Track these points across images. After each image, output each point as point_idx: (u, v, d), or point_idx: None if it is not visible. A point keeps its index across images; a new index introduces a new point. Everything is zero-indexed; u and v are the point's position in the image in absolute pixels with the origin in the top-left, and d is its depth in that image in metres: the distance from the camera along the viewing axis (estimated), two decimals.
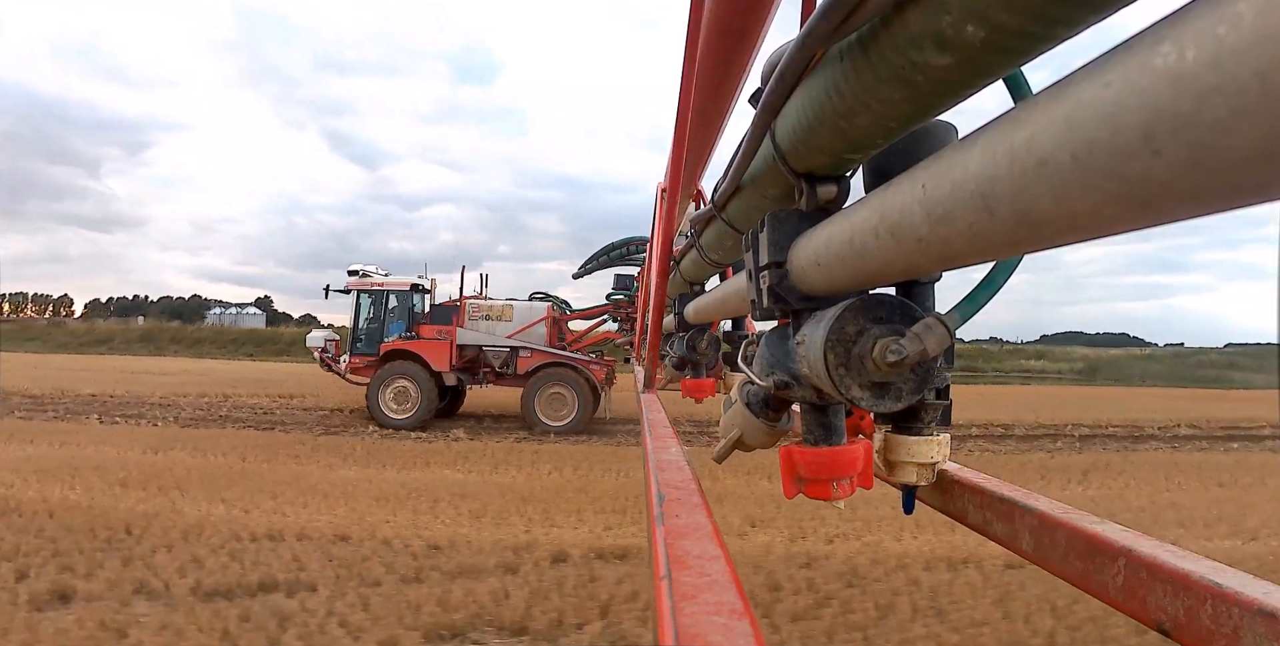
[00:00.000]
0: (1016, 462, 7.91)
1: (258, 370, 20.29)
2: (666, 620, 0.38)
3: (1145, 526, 2.23)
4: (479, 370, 10.23)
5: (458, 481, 6.20)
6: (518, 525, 4.81)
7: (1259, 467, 7.90)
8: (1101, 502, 5.81)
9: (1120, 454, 8.87)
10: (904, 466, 0.72)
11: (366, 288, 10.63)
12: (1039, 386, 23.97)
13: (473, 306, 10.24)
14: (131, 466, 6.24)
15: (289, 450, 7.54)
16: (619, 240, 11.12)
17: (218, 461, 6.77)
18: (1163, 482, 6.90)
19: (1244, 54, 0.18)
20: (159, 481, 5.72)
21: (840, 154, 0.55)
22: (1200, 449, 9.56)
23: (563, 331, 10.70)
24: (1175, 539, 1.72)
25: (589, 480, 6.38)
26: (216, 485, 5.67)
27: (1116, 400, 16.97)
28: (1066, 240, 0.30)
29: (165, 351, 28.14)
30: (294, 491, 5.57)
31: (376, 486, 5.83)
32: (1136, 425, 11.86)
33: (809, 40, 0.43)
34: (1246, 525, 5.18)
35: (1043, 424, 11.59)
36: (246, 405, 11.78)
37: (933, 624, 3.32)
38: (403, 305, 10.60)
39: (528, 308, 10.36)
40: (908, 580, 3.86)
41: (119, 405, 11.27)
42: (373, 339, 10.33)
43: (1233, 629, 0.44)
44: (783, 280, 0.63)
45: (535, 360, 9.98)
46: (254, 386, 14.26)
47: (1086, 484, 6.78)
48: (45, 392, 12.21)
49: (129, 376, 15.74)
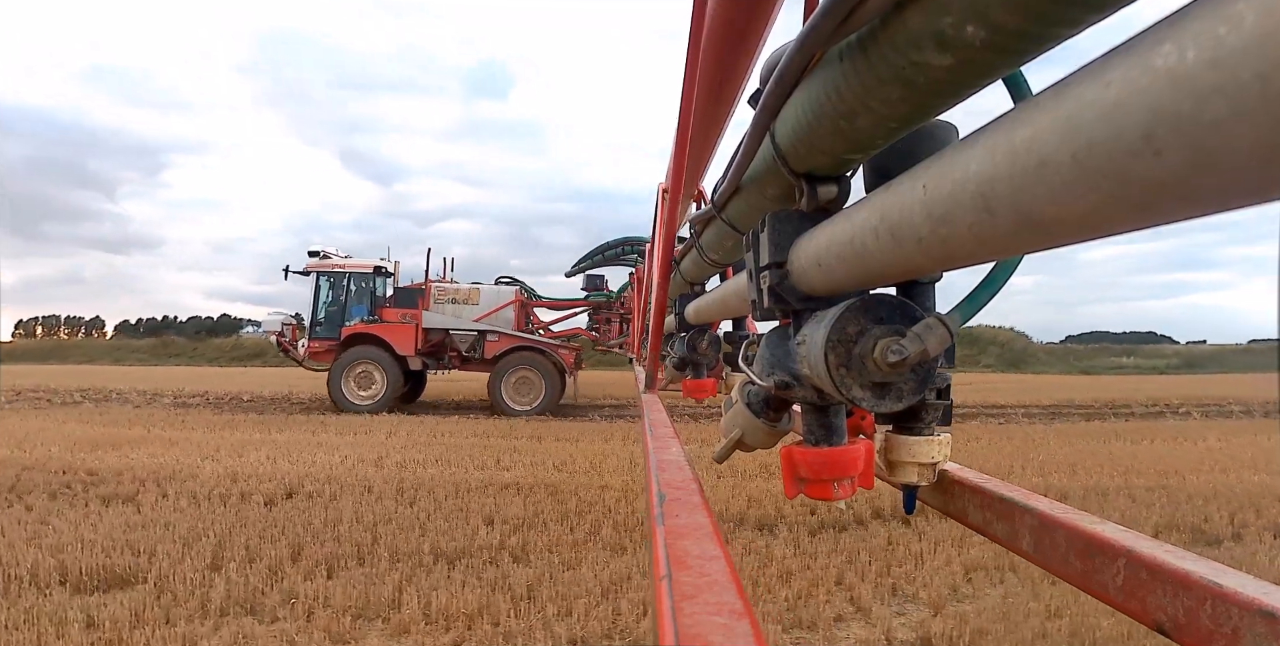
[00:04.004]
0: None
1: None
2: (667, 620, 0.38)
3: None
4: (444, 354, 10.06)
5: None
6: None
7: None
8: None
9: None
10: (905, 466, 0.72)
11: (327, 269, 10.32)
12: (1161, 377, 22.96)
13: (438, 290, 10.05)
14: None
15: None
16: (614, 240, 11.11)
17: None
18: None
19: (1244, 54, 0.18)
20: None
21: (840, 154, 0.55)
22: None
23: (529, 316, 10.59)
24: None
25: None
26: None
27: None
28: (1067, 240, 0.30)
29: (251, 363, 28.32)
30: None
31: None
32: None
33: (809, 40, 0.43)
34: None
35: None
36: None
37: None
38: (364, 288, 10.33)
39: (495, 291, 10.19)
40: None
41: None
42: (333, 322, 10.07)
43: (1233, 629, 0.44)
44: (783, 280, 0.63)
45: (503, 344, 9.83)
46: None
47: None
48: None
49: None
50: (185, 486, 4.67)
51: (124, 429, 7.77)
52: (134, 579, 3.00)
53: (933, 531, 3.79)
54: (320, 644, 2.43)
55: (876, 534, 3.80)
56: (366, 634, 2.54)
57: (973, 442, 7.12)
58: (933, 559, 3.40)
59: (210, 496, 4.41)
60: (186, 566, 3.08)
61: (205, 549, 3.32)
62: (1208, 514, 4.15)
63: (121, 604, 2.69)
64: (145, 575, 3.01)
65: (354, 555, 3.29)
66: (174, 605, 2.71)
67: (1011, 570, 3.18)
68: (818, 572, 3.15)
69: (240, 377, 17.80)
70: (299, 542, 3.44)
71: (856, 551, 3.48)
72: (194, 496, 4.42)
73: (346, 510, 4.04)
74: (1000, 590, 3.05)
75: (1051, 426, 8.92)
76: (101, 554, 3.22)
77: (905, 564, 3.33)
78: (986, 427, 8.62)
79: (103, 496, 4.45)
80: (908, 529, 3.88)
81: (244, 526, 3.73)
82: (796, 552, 3.45)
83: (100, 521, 3.83)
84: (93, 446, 6.35)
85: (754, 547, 3.51)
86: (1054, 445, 6.99)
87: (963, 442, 7.00)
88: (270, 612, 2.68)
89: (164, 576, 2.97)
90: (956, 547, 3.51)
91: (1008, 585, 3.09)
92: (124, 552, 3.26)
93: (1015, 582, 3.09)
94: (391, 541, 3.47)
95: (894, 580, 3.12)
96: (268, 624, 2.60)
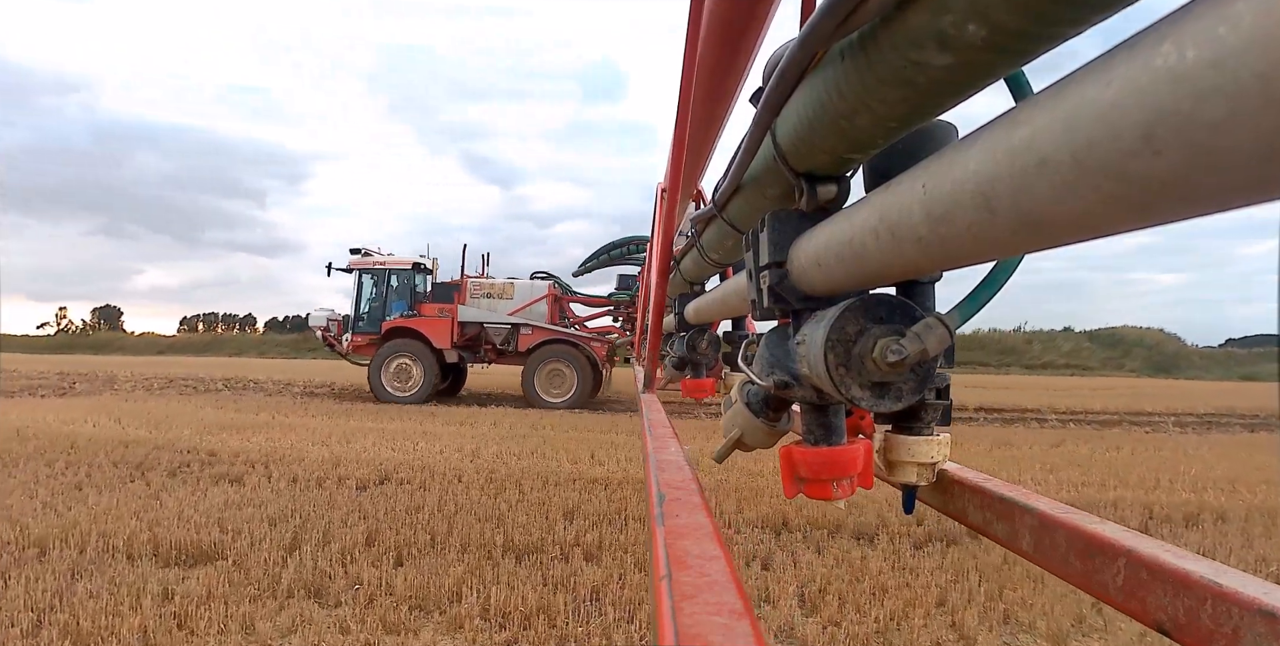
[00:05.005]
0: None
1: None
2: (666, 620, 0.38)
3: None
4: (480, 348, 10.26)
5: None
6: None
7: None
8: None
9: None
10: (904, 466, 0.72)
11: (368, 266, 10.67)
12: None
13: (474, 284, 10.27)
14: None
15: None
16: (619, 239, 11.14)
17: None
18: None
19: (1244, 54, 0.18)
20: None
21: (841, 154, 0.55)
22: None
23: (564, 310, 10.72)
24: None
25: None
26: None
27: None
28: (1067, 240, 0.30)
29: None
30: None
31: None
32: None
33: (810, 39, 0.43)
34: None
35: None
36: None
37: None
38: (404, 284, 10.64)
39: (529, 286, 10.38)
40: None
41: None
42: (375, 317, 10.41)
43: (1233, 629, 0.44)
44: (783, 280, 0.63)
45: (536, 337, 10.00)
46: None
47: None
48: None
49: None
50: (290, 469, 4.80)
51: (251, 414, 8.11)
52: (216, 555, 3.05)
53: None
54: (374, 633, 2.38)
55: (990, 550, 3.30)
56: (423, 626, 2.47)
57: (1111, 452, 6.50)
58: (1056, 583, 2.80)
59: (309, 479, 4.52)
60: (267, 546, 3.11)
61: (288, 529, 3.36)
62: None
63: (198, 579, 2.73)
64: (227, 552, 3.05)
65: (426, 543, 3.26)
66: (245, 583, 2.73)
67: None
68: (917, 591, 2.82)
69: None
70: (376, 527, 3.44)
71: (965, 569, 3.07)
72: (294, 479, 4.53)
73: (431, 498, 4.05)
74: (1136, 626, 2.43)
75: (1206, 436, 8.12)
76: (193, 529, 3.30)
77: (1021, 587, 2.87)
78: (1130, 436, 7.98)
79: (214, 476, 4.60)
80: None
81: (330, 509, 3.76)
82: (895, 567, 3.11)
83: (204, 499, 3.94)
84: (219, 429, 6.64)
85: (848, 559, 3.19)
86: (1210, 458, 6.29)
87: (1101, 452, 6.51)
88: (334, 597, 2.66)
89: (243, 555, 3.01)
90: None
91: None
92: (213, 529, 3.32)
93: None
94: (466, 531, 3.43)
95: (1006, 606, 2.72)
96: (330, 608, 2.58)
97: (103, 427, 6.62)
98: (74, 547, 3.05)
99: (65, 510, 3.62)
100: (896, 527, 3.69)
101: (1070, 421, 9.58)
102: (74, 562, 2.87)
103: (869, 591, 2.84)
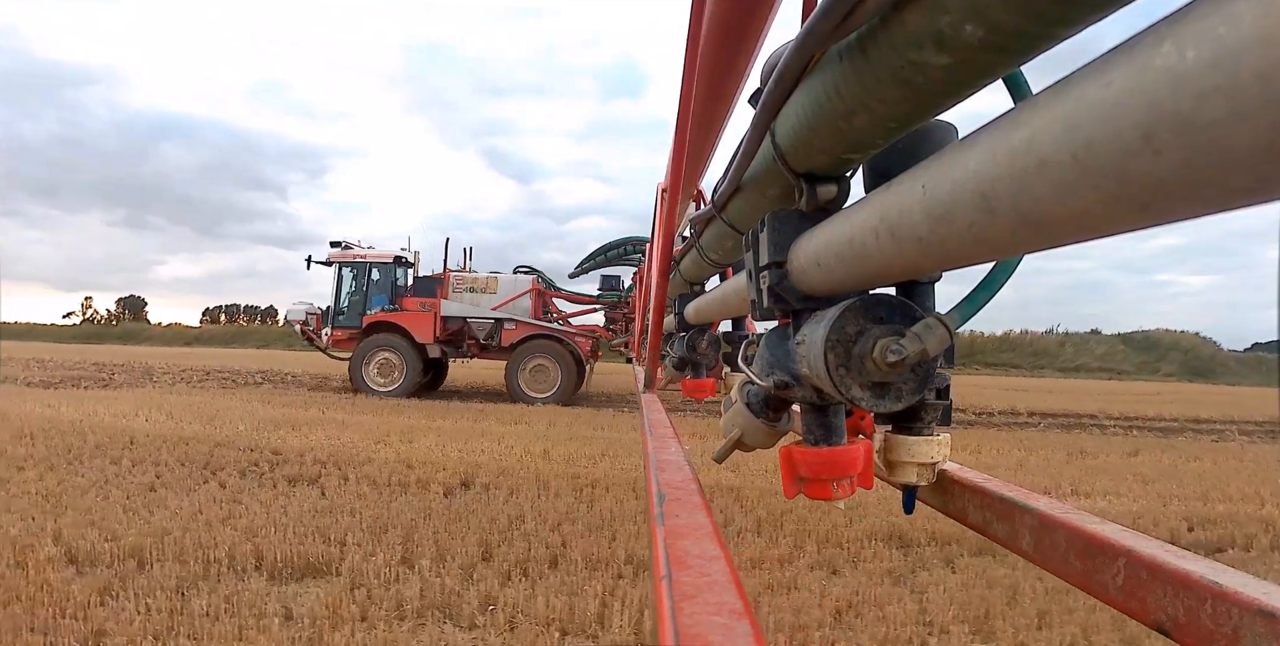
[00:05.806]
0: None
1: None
2: (666, 620, 0.38)
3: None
4: (463, 342, 10.18)
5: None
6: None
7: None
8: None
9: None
10: (904, 466, 0.72)
11: (348, 260, 10.52)
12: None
13: (457, 278, 10.19)
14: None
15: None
16: (615, 240, 11.15)
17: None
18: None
19: (1244, 54, 0.18)
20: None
21: (840, 154, 0.55)
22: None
23: (548, 305, 10.66)
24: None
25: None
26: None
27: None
28: (1067, 240, 0.30)
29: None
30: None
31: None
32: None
33: (809, 40, 0.43)
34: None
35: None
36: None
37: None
38: (385, 277, 10.49)
39: (512, 280, 10.29)
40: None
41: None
42: (355, 311, 10.28)
43: (1233, 629, 0.44)
44: (783, 280, 0.63)
45: (520, 332, 9.92)
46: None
47: None
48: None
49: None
50: (363, 471, 4.71)
51: (300, 410, 8.00)
52: (326, 569, 2.93)
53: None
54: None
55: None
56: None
57: (1194, 462, 6.13)
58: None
59: (390, 483, 4.42)
60: (379, 560, 2.99)
61: (394, 541, 3.25)
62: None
63: (316, 596, 2.63)
64: (338, 566, 2.94)
65: (547, 559, 3.12)
66: (369, 602, 2.60)
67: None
68: (1085, 615, 2.53)
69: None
70: (487, 540, 3.31)
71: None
72: (373, 481, 4.43)
73: (526, 506, 3.92)
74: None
75: (1277, 446, 7.71)
76: (295, 539, 3.18)
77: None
78: (1199, 445, 7.50)
79: (288, 477, 4.49)
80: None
81: (428, 519, 3.63)
82: (1050, 589, 2.78)
83: (289, 503, 3.84)
84: (275, 425, 6.55)
85: (992, 577, 2.93)
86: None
87: (1183, 462, 6.11)
88: (469, 618, 2.53)
89: (356, 570, 2.89)
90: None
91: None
92: (315, 540, 3.21)
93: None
94: (582, 545, 3.28)
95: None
96: (466, 630, 2.45)
97: (156, 423, 6.55)
98: (173, 559, 2.93)
99: (149, 515, 3.50)
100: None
101: (1132, 428, 9.21)
102: (179, 577, 2.75)
103: (1033, 618, 2.61)
